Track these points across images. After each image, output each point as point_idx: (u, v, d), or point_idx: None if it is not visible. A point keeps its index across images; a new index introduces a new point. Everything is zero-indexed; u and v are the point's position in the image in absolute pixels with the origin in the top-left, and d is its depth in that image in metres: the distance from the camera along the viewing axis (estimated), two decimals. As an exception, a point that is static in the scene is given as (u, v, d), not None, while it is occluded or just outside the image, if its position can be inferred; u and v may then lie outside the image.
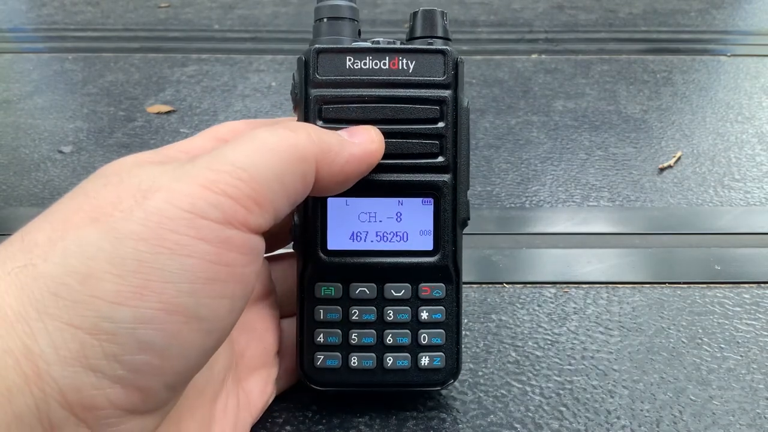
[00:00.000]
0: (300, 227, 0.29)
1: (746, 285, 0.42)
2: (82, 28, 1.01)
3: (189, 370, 0.22)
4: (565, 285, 0.42)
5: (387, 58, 0.29)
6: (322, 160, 0.25)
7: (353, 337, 0.30)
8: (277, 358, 0.31)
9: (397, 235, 0.30)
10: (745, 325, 0.38)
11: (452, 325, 0.30)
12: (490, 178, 0.56)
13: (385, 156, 0.28)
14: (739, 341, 0.37)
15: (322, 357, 0.30)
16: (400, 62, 0.29)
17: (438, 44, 0.29)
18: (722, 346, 0.37)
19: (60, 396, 0.19)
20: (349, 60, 0.29)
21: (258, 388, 0.30)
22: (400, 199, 0.29)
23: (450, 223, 0.29)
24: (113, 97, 0.74)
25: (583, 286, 0.42)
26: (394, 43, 0.29)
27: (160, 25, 1.03)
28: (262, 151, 0.23)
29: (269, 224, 0.24)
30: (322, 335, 0.30)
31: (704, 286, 0.42)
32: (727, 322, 0.39)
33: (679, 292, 0.41)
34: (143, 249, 0.20)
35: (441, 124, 0.29)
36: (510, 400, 0.33)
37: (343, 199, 0.29)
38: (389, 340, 0.30)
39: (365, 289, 0.30)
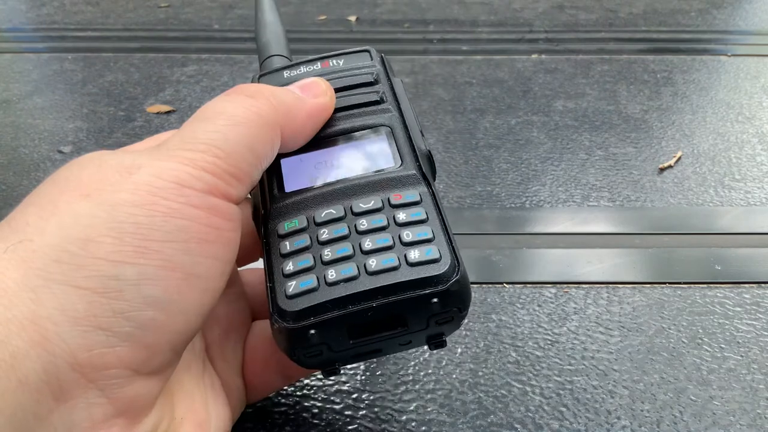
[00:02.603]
0: (260, 196, 0.29)
1: (747, 285, 0.42)
2: (82, 28, 1.01)
3: (189, 330, 0.23)
4: (565, 285, 0.42)
5: (318, 63, 0.32)
6: (285, 123, 0.27)
7: (326, 253, 0.26)
8: (245, 327, 0.31)
9: (356, 164, 0.29)
10: (745, 325, 0.38)
11: (437, 221, 0.26)
12: (490, 178, 0.56)
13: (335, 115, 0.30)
14: (740, 341, 0.37)
15: (294, 282, 0.25)
16: (331, 62, 0.32)
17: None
18: (723, 346, 0.37)
19: (70, 357, 0.20)
20: (286, 72, 0.32)
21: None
22: (353, 136, 0.30)
23: (408, 146, 0.29)
24: (113, 97, 0.74)
25: (583, 286, 0.42)
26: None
27: (160, 25, 1.03)
28: (232, 125, 0.24)
29: (246, 192, 0.25)
30: (291, 263, 0.26)
31: (704, 286, 0.42)
32: (727, 322, 0.39)
33: (679, 292, 0.41)
34: (138, 213, 0.21)
35: (378, 87, 0.31)
36: (510, 401, 0.33)
37: (297, 157, 0.29)
38: (368, 245, 0.26)
39: (332, 210, 0.27)
